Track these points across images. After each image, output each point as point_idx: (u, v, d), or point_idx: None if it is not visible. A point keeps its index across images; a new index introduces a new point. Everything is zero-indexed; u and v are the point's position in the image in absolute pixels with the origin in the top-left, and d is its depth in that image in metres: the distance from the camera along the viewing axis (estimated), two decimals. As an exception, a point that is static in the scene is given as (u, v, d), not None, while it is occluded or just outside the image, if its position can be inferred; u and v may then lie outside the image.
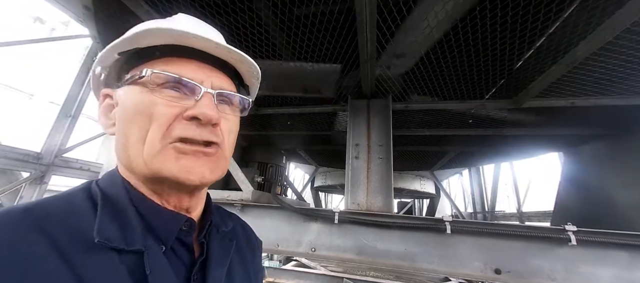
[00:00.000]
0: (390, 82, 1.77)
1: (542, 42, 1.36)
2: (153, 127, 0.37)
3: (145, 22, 0.42)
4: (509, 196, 5.09)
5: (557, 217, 2.67)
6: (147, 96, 0.38)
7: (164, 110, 0.38)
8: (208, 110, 0.39)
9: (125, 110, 0.39)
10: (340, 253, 1.59)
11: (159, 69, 0.39)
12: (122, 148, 0.39)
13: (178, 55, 0.40)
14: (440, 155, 3.45)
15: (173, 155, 0.37)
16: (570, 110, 1.87)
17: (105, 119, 0.43)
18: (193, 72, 0.40)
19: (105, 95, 0.43)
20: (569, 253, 1.35)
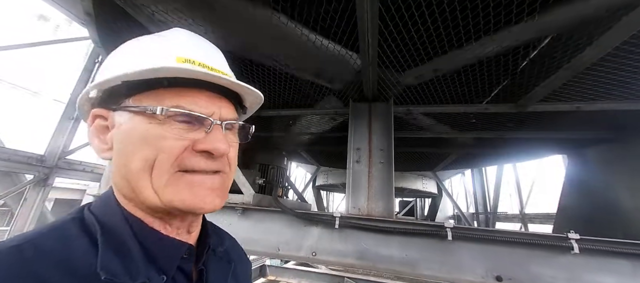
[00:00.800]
0: (392, 86, 1.76)
1: (547, 42, 1.33)
2: (160, 158, 0.37)
3: (156, 49, 0.41)
4: (511, 195, 5.07)
5: (560, 220, 2.65)
6: (155, 128, 0.37)
7: (174, 143, 0.38)
8: (221, 144, 0.39)
9: (128, 138, 0.38)
10: (341, 258, 1.59)
11: (171, 102, 0.38)
12: (122, 177, 0.38)
13: (188, 85, 0.39)
14: (443, 156, 3.43)
15: (184, 185, 0.38)
16: (575, 113, 1.84)
17: (99, 142, 0.41)
18: (204, 104, 0.40)
19: (97, 115, 0.41)
20: (571, 261, 1.34)
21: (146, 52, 0.41)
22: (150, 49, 0.41)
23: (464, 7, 1.13)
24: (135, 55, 0.41)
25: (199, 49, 0.43)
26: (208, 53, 0.44)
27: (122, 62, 0.40)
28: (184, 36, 0.44)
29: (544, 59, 1.41)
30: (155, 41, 0.43)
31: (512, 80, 1.63)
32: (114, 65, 0.40)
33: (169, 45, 0.41)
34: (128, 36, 1.34)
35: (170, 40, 0.43)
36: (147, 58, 0.40)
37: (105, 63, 0.43)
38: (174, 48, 0.41)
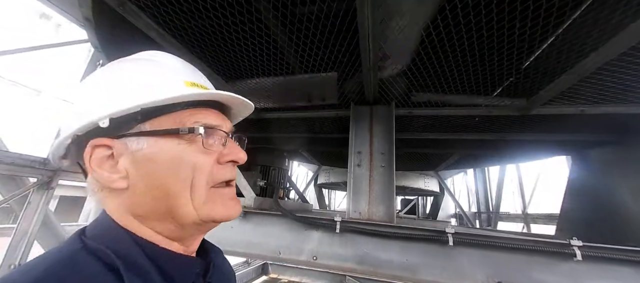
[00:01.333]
0: (392, 87, 1.74)
1: (552, 43, 1.30)
2: (198, 176, 0.40)
3: (164, 75, 0.43)
4: (514, 192, 5.05)
5: (563, 221, 2.63)
6: (186, 148, 0.40)
7: (206, 160, 0.41)
8: (243, 154, 0.46)
9: (157, 162, 0.39)
10: (341, 263, 1.60)
11: (193, 122, 0.42)
12: (154, 200, 0.39)
13: (198, 106, 0.43)
14: (445, 157, 3.41)
15: (219, 199, 0.42)
16: (579, 116, 1.81)
17: (109, 172, 0.39)
18: (216, 120, 0.45)
19: (98, 145, 0.39)
20: (573, 267, 1.33)
21: (157, 79, 0.42)
22: (158, 75, 0.43)
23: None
24: (147, 82, 0.41)
25: (191, 72, 0.47)
26: (197, 74, 0.48)
27: (135, 89, 0.40)
28: (175, 61, 0.48)
29: (549, 62, 1.38)
30: (154, 67, 0.44)
31: (516, 82, 1.60)
32: (123, 92, 0.39)
33: (170, 71, 0.44)
34: (129, 42, 1.33)
35: (166, 66, 0.45)
36: (162, 85, 0.41)
37: (105, 89, 0.41)
38: (176, 74, 0.44)
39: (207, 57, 1.57)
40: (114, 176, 0.39)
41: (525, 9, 1.06)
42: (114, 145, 0.39)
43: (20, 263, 1.86)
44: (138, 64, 0.44)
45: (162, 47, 1.40)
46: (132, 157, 0.39)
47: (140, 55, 0.47)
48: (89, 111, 0.38)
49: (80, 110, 0.40)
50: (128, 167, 0.39)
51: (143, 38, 1.34)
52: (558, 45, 1.26)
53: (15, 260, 1.84)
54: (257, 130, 2.70)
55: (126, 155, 0.39)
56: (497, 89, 1.70)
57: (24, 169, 1.84)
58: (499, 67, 1.44)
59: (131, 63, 0.44)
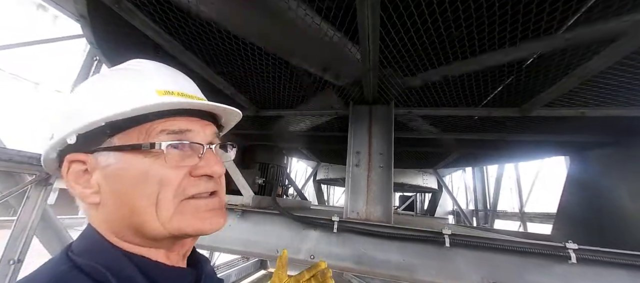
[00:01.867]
0: (393, 89, 1.73)
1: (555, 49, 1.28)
2: (164, 191, 0.38)
3: (133, 86, 0.40)
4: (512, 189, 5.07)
5: (560, 221, 2.65)
6: (152, 163, 0.38)
7: (173, 173, 0.39)
8: (218, 167, 0.42)
9: (123, 178, 0.37)
10: (339, 262, 1.61)
11: (160, 130, 0.39)
12: (121, 217, 0.38)
13: (171, 115, 0.40)
14: (444, 155, 3.41)
15: (190, 211, 0.39)
16: (579, 117, 1.81)
17: (82, 188, 0.39)
18: (189, 125, 0.41)
19: (72, 160, 0.39)
20: (567, 270, 1.35)
21: (126, 89, 0.40)
22: (128, 85, 0.40)
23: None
24: (115, 93, 0.39)
25: (171, 79, 0.44)
26: (180, 81, 0.45)
27: (102, 102, 0.38)
28: (152, 67, 0.44)
29: (550, 64, 1.37)
30: (127, 77, 0.42)
31: (516, 83, 1.59)
32: (91, 106, 0.38)
33: (143, 79, 0.41)
34: (125, 39, 1.31)
35: (141, 74, 0.42)
36: (128, 95, 0.39)
37: (75, 103, 0.40)
38: (149, 82, 0.41)
39: (203, 54, 1.55)
40: (87, 191, 0.39)
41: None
42: (88, 160, 0.38)
43: (20, 258, 1.87)
44: (115, 74, 0.42)
45: (160, 47, 1.38)
46: (103, 172, 0.38)
47: (126, 65, 0.45)
48: (60, 127, 0.39)
49: (55, 127, 0.40)
50: (100, 182, 0.38)
51: (140, 36, 1.32)
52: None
53: (14, 255, 1.85)
54: (256, 127, 2.69)
55: (98, 171, 0.38)
56: (498, 87, 1.68)
57: (22, 166, 1.83)
58: (500, 67, 1.42)
59: (109, 74, 0.43)
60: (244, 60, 1.56)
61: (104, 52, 1.54)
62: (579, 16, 1.03)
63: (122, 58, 1.70)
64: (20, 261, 1.88)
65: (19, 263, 1.87)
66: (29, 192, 1.90)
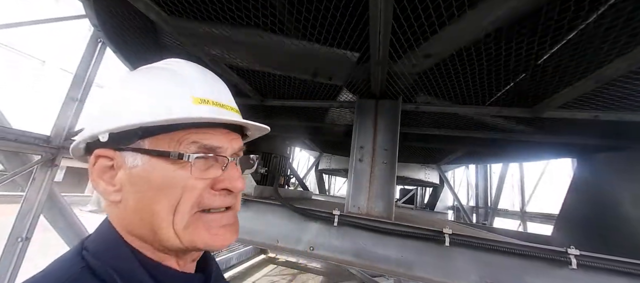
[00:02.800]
0: (401, 82, 1.68)
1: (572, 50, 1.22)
2: (185, 199, 0.38)
3: (170, 90, 0.40)
4: (514, 186, 5.05)
5: (562, 222, 2.64)
6: (178, 171, 0.38)
7: (197, 184, 0.39)
8: (239, 182, 0.42)
9: (148, 181, 0.38)
10: (338, 255, 1.63)
11: (190, 143, 0.39)
12: (140, 218, 0.38)
13: (203, 125, 0.40)
14: (449, 152, 3.38)
15: (203, 225, 0.40)
16: (591, 120, 1.75)
17: (106, 184, 0.39)
18: (220, 142, 0.42)
19: (100, 156, 0.39)
20: (567, 275, 1.34)
21: (162, 94, 0.40)
22: (165, 89, 0.40)
23: None
24: (151, 97, 0.39)
25: (208, 85, 0.44)
26: (216, 88, 0.45)
27: (138, 104, 0.39)
28: (190, 70, 0.44)
29: (568, 65, 1.31)
30: (166, 79, 0.42)
31: (530, 83, 1.53)
32: (127, 106, 0.39)
33: (181, 83, 0.41)
34: (129, 21, 1.27)
35: (180, 76, 0.42)
36: (165, 102, 0.39)
37: (113, 100, 0.41)
38: (186, 87, 0.41)
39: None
40: (110, 188, 0.39)
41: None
42: (115, 157, 0.39)
43: (27, 236, 1.92)
44: (153, 75, 0.43)
45: (163, 31, 1.35)
46: (129, 172, 0.38)
47: (164, 64, 0.45)
48: (96, 122, 0.40)
49: (91, 120, 0.41)
50: (124, 181, 0.39)
51: (144, 20, 1.29)
52: (581, 47, 1.18)
53: (22, 232, 1.90)
54: (258, 117, 2.67)
55: (124, 169, 0.39)
56: (510, 82, 1.61)
57: (28, 147, 1.85)
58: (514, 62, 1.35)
59: (147, 74, 0.43)
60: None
61: (108, 35, 1.51)
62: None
63: (125, 42, 1.67)
64: (28, 239, 1.93)
65: (27, 240, 1.92)
66: (35, 173, 1.93)
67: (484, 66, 1.41)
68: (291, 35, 1.36)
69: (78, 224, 2.33)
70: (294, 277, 4.95)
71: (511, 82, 1.57)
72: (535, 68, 1.38)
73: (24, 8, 8.53)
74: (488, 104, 1.84)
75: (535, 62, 1.34)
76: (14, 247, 1.84)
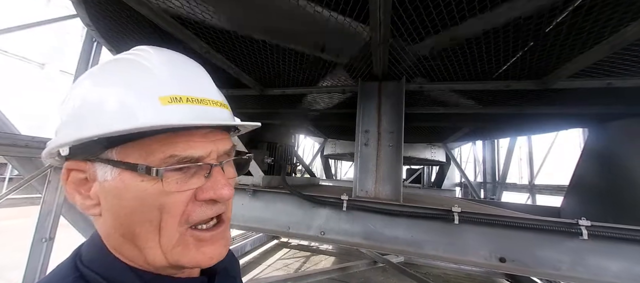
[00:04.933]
0: (404, 62, 1.63)
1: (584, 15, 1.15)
2: (166, 218, 0.34)
3: (135, 90, 0.34)
4: (521, 159, 5.00)
5: (573, 193, 2.62)
6: (151, 186, 0.33)
7: (176, 199, 0.34)
8: (226, 190, 0.37)
9: (120, 200, 0.34)
10: (348, 238, 1.66)
11: (164, 153, 0.34)
12: (123, 240, 0.35)
13: (179, 129, 0.35)
14: (455, 129, 3.33)
15: (193, 243, 0.36)
16: (604, 88, 1.68)
17: (82, 198, 0.36)
18: (200, 145, 0.36)
19: (72, 169, 0.36)
20: (578, 245, 1.35)
21: (124, 96, 0.33)
22: (128, 90, 0.34)
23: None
24: (112, 101, 0.33)
25: (181, 76, 0.37)
26: (191, 79, 0.38)
27: (98, 112, 0.33)
28: (160, 61, 0.37)
29: (580, 32, 1.24)
30: (129, 76, 0.35)
31: (540, 52, 1.46)
32: (88, 115, 0.33)
33: (147, 79, 0.35)
34: (121, 18, 1.24)
35: (146, 71, 0.36)
36: (127, 106, 0.33)
37: (75, 104, 0.35)
38: (153, 84, 0.34)
39: (203, 33, 1.47)
40: (87, 202, 0.36)
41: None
42: (87, 169, 0.35)
43: (51, 236, 2.01)
44: (115, 71, 0.37)
45: (157, 26, 1.31)
46: (102, 186, 0.35)
47: (132, 54, 0.39)
48: (61, 130, 0.36)
49: (60, 125, 0.36)
50: (99, 195, 0.35)
51: (136, 15, 1.26)
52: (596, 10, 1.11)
53: (45, 233, 1.99)
54: (261, 106, 2.65)
55: (98, 182, 0.35)
56: (518, 52, 1.53)
57: (39, 151, 1.89)
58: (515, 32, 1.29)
59: (109, 70, 0.37)
60: (246, 45, 1.48)
61: (101, 34, 1.49)
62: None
63: (120, 40, 1.64)
64: (52, 238, 2.02)
65: (51, 240, 2.01)
66: (49, 176, 1.98)
67: (490, 37, 1.35)
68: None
69: (96, 222, 2.42)
70: (307, 259, 5.12)
71: (519, 52, 1.51)
72: (546, 35, 1.31)
73: (14, 12, 8.44)
74: (494, 78, 1.78)
75: (547, 26, 1.27)
76: (40, 247, 1.93)
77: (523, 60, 1.55)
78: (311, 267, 4.70)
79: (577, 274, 1.32)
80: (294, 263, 4.89)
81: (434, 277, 4.25)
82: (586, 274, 1.31)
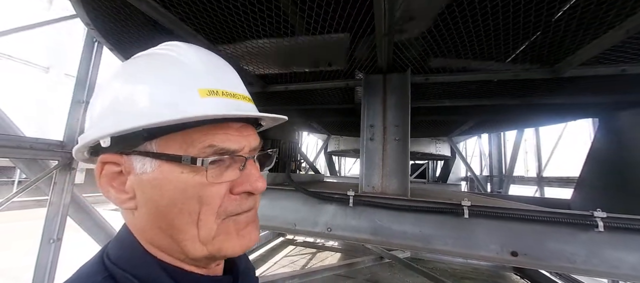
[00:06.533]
0: (408, 52, 1.58)
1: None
2: (204, 210, 0.35)
3: (175, 82, 0.35)
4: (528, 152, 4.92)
5: (583, 185, 2.56)
6: (191, 177, 0.34)
7: (214, 191, 0.36)
8: (260, 183, 0.39)
9: (161, 191, 0.34)
10: (356, 234, 1.64)
11: (203, 143, 0.35)
12: (160, 232, 0.36)
13: (216, 121, 0.36)
14: (461, 122, 3.27)
15: (233, 232, 0.37)
16: (618, 76, 1.63)
17: (116, 192, 0.36)
18: (236, 139, 0.38)
19: (107, 162, 0.36)
20: (594, 238, 1.31)
21: (165, 89, 0.34)
22: (168, 83, 0.35)
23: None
24: (153, 93, 0.34)
25: (215, 72, 0.39)
26: (225, 75, 0.40)
27: (139, 104, 0.34)
28: (195, 57, 0.39)
29: (595, 14, 1.19)
30: (167, 70, 0.36)
31: (551, 39, 1.41)
32: (128, 106, 0.34)
33: (185, 73, 0.36)
34: (121, 14, 1.22)
35: (183, 65, 0.37)
36: (168, 95, 0.34)
37: (113, 98, 0.36)
38: (191, 78, 0.36)
39: (190, 18, 1.42)
40: (122, 196, 0.36)
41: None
42: (122, 162, 0.36)
43: (58, 237, 2.02)
44: (153, 64, 0.38)
45: (157, 22, 1.29)
46: (139, 179, 0.35)
47: (164, 48, 0.40)
48: (96, 124, 0.36)
49: (92, 121, 0.37)
50: (136, 188, 0.36)
51: (136, 13, 1.23)
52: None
53: (53, 234, 2.00)
54: (264, 103, 2.62)
55: (133, 175, 0.35)
56: (527, 41, 1.48)
57: (44, 153, 1.89)
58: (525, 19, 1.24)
59: (146, 64, 0.38)
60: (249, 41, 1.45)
61: (101, 33, 1.47)
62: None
63: (120, 39, 1.62)
64: (59, 239, 2.03)
65: (59, 241, 2.03)
66: (55, 177, 1.99)
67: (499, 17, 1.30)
68: (297, 34, 1.37)
69: (104, 223, 2.43)
70: (312, 256, 5.12)
71: (528, 41, 1.46)
72: (558, 21, 1.26)
73: (16, 17, 8.51)
74: (502, 67, 1.73)
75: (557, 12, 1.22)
76: (48, 248, 1.94)
77: (533, 48, 1.50)
78: (317, 263, 4.70)
79: (592, 267, 1.28)
80: (300, 260, 4.90)
81: (441, 271, 4.22)
82: (602, 267, 1.27)
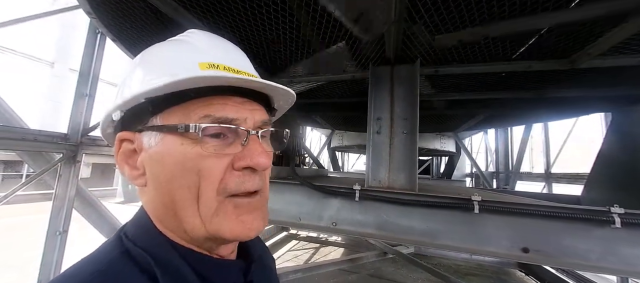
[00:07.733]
0: (418, 43, 1.53)
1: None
2: (204, 185, 0.34)
3: (176, 58, 0.37)
4: (533, 149, 4.84)
5: (595, 180, 2.49)
6: (190, 149, 0.34)
7: (214, 164, 0.35)
8: (263, 158, 0.37)
9: (162, 163, 0.35)
10: (361, 229, 1.61)
11: (200, 114, 0.35)
12: (165, 209, 0.36)
13: (216, 93, 0.35)
14: (468, 117, 3.21)
15: (232, 213, 0.36)
16: (636, 66, 1.56)
17: (130, 169, 0.38)
18: (235, 110, 0.36)
19: (123, 139, 0.38)
20: (609, 234, 1.26)
21: (166, 62, 0.37)
22: (170, 58, 0.37)
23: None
24: (155, 67, 0.37)
25: (220, 51, 0.40)
26: (230, 54, 0.40)
27: (142, 77, 0.36)
28: (202, 38, 0.40)
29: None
30: (173, 49, 0.39)
31: (568, 30, 1.35)
32: (134, 80, 0.37)
33: (189, 50, 0.38)
34: (123, 6, 1.18)
35: (189, 45, 0.39)
36: (168, 69, 0.35)
37: (125, 77, 0.39)
38: (194, 53, 0.37)
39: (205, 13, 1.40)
40: (134, 172, 0.38)
41: None
42: (136, 139, 0.37)
43: (64, 229, 2.03)
44: (164, 47, 0.40)
45: (166, 17, 1.26)
46: (147, 154, 0.36)
47: (180, 35, 0.42)
48: (111, 101, 0.38)
49: (111, 99, 0.39)
50: (145, 164, 0.37)
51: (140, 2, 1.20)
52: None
53: (59, 227, 2.01)
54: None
55: (144, 151, 0.36)
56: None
57: (48, 145, 1.89)
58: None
59: (158, 46, 0.40)
60: (254, 18, 1.41)
61: (103, 22, 1.44)
62: None
63: (123, 29, 1.59)
64: (65, 231, 2.04)
65: (64, 233, 2.03)
66: (60, 170, 1.99)
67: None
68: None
69: (109, 216, 2.44)
70: (316, 251, 5.14)
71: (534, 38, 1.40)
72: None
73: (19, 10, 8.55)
74: (514, 58, 1.67)
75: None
76: (54, 240, 1.95)
77: (547, 38, 1.44)
78: (321, 258, 4.71)
79: (608, 264, 1.24)
80: (304, 254, 4.91)
81: (445, 267, 4.20)
82: (618, 264, 1.23)
